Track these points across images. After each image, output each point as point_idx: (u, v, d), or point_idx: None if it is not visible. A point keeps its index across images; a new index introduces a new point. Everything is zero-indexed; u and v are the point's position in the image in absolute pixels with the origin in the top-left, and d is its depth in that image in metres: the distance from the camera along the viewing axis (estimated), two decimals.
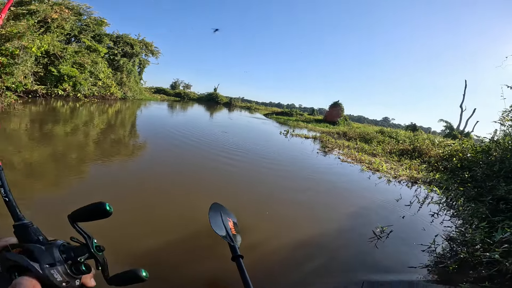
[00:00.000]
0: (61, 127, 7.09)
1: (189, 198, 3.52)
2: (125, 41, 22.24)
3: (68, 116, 9.45)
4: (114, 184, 3.65)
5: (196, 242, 2.50)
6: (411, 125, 23.57)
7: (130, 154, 5.41)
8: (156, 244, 2.33)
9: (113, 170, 4.25)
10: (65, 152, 4.79)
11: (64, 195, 3.10)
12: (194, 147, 6.76)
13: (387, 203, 4.56)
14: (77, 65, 15.72)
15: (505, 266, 2.17)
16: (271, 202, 3.88)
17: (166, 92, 45.72)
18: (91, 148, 5.38)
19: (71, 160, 4.42)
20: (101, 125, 8.23)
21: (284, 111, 34.29)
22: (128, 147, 6.07)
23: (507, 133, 7.81)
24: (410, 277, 2.35)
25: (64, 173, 3.77)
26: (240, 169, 5.43)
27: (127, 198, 3.21)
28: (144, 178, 4.02)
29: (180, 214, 2.99)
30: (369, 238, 3.08)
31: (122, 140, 6.62)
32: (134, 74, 23.65)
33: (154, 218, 2.79)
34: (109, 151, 5.37)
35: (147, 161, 5.12)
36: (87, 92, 16.39)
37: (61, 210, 2.71)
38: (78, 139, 6.01)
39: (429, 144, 11.44)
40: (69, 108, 11.71)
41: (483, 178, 5.99)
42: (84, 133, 6.78)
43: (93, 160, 4.57)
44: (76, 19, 17.62)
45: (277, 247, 2.65)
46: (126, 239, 2.32)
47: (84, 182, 3.60)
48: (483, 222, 3.10)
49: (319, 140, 12.30)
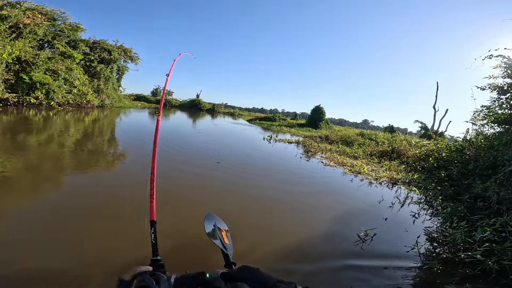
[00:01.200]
0: (34, 137, 6.72)
1: (177, 209, 3.36)
2: (102, 47, 21.56)
3: (42, 126, 8.95)
4: (90, 196, 3.42)
5: (189, 252, 2.43)
6: (389, 127, 24.43)
7: (107, 166, 5.14)
8: (142, 257, 2.20)
9: (88, 182, 4.00)
10: (39, 163, 4.55)
11: (38, 208, 2.87)
12: (175, 155, 6.56)
13: (370, 206, 4.60)
14: (50, 72, 15.00)
15: (488, 266, 2.20)
16: (255, 209, 3.79)
17: (146, 99, 44.74)
18: (66, 159, 5.06)
19: (46, 171, 4.18)
20: (77, 135, 7.82)
21: (267, 116, 34.52)
22: (105, 157, 5.78)
23: (479, 132, 8.22)
24: (397, 280, 2.33)
25: (38, 185, 3.55)
26: (223, 181, 5.28)
27: (109, 211, 3.00)
28: (120, 189, 3.81)
29: (171, 226, 2.82)
30: (354, 241, 3.06)
31: (98, 151, 6.30)
32: (112, 81, 22.91)
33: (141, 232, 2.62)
34: (84, 162, 5.07)
35: (126, 171, 4.88)
36: (61, 100, 15.65)
37: (35, 224, 2.52)
38: (53, 150, 5.68)
39: (407, 145, 11.83)
40: (42, 117, 11.11)
41: (458, 177, 6.22)
42: (59, 143, 6.43)
43: (68, 171, 4.29)
44: (50, 25, 16.91)
45: (265, 254, 2.59)
46: (109, 254, 2.18)
47: (59, 193, 3.42)
48: (463, 221, 3.17)
49: (302, 145, 12.39)
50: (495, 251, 2.31)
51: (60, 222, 2.65)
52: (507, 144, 5.75)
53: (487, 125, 7.99)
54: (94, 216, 2.88)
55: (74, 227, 2.59)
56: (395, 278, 2.37)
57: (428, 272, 2.43)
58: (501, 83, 7.13)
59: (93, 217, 2.87)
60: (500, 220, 2.70)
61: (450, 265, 2.53)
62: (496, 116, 7.33)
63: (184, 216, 3.20)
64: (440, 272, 2.41)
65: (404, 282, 2.32)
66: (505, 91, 7.08)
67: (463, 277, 2.23)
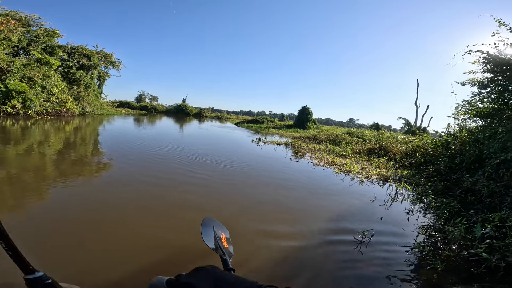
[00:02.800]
0: (12, 148, 6.39)
1: (170, 216, 3.15)
2: (81, 53, 20.86)
3: (19, 136, 8.53)
4: (73, 209, 3.16)
5: (184, 259, 2.32)
6: (375, 124, 24.93)
7: (90, 175, 4.84)
8: (138, 268, 2.03)
9: (71, 193, 3.72)
10: (19, 175, 4.32)
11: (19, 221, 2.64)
12: (163, 162, 6.33)
13: (364, 205, 4.55)
14: (26, 79, 14.32)
15: (493, 263, 2.13)
16: (247, 214, 3.64)
17: (131, 105, 43.76)
18: (45, 170, 4.73)
19: (25, 183, 3.91)
20: (58, 145, 7.41)
21: (255, 119, 34.49)
22: (88, 166, 5.46)
23: (462, 126, 8.44)
24: (400, 283, 2.24)
25: (19, 197, 3.29)
26: (212, 188, 5.11)
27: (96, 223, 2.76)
28: (109, 200, 3.56)
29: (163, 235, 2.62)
30: (351, 244, 2.97)
31: (80, 160, 5.96)
32: (93, 88, 22.14)
33: (132, 242, 2.40)
34: (66, 172, 4.76)
35: (116, 181, 4.61)
36: (39, 109, 14.94)
37: (16, 237, 2.27)
38: (33, 161, 5.33)
39: (393, 141, 12.02)
40: (19, 127, 10.56)
41: (446, 171, 6.31)
42: (40, 153, 6.09)
43: (50, 183, 4.00)
44: (25, 30, 16.20)
45: (263, 261, 2.48)
46: (100, 266, 2.02)
47: (41, 206, 3.20)
48: (458, 217, 3.13)
49: (291, 146, 12.35)
50: (496, 248, 2.26)
51: (42, 237, 2.43)
52: (491, 137, 5.88)
53: (469, 119, 8.21)
54: (79, 228, 2.65)
55: (56, 241, 2.37)
56: (397, 282, 2.28)
57: (431, 272, 2.35)
58: (481, 78, 7.33)
59: (79, 229, 2.64)
60: (498, 215, 2.68)
61: (453, 264, 2.47)
62: (478, 110, 7.53)
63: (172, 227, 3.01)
64: (444, 272, 2.34)
65: (409, 285, 2.24)
66: (486, 86, 7.28)
67: (468, 276, 2.17)
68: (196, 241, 2.00)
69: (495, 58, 6.58)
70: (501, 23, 6.40)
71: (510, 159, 4.48)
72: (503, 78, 6.72)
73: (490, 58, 6.67)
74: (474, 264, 2.36)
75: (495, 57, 6.58)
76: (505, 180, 3.97)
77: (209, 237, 1.79)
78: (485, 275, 2.20)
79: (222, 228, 2.03)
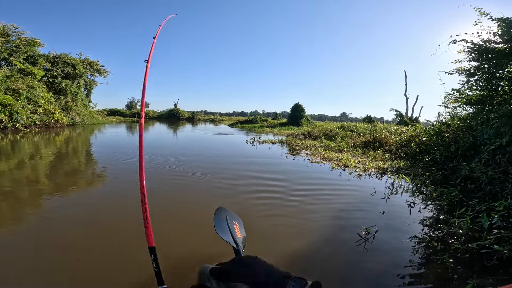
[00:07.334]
0: (4, 163, 6.25)
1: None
2: (65, 61, 20.36)
3: (9, 150, 8.44)
4: (71, 222, 3.02)
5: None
6: (367, 117, 25.16)
7: (86, 186, 4.68)
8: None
9: (67, 204, 3.56)
10: (13, 189, 4.27)
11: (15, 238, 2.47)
12: (157, 166, 6.18)
13: (364, 200, 4.50)
14: (10, 91, 13.90)
15: (505, 254, 2.09)
16: (250, 217, 3.55)
17: (122, 113, 43.20)
18: (38, 183, 4.57)
19: (20, 197, 3.81)
20: (49, 157, 7.19)
21: (248, 119, 34.45)
22: (82, 177, 5.28)
23: (452, 114, 8.52)
24: (409, 279, 2.18)
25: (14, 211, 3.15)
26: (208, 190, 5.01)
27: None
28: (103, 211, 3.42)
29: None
30: (356, 242, 2.91)
31: (73, 173, 5.77)
32: (81, 97, 21.68)
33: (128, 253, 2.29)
34: (60, 184, 4.58)
35: (107, 191, 4.46)
36: (27, 122, 14.53)
37: (11, 253, 2.21)
38: (25, 174, 5.23)
39: (387, 133, 12.09)
40: (8, 141, 10.34)
41: (442, 160, 6.35)
42: (31, 166, 5.99)
43: (44, 196, 3.84)
44: (4, 41, 15.73)
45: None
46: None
47: (37, 219, 3.13)
48: (461, 208, 3.09)
49: (286, 144, 12.30)
50: (505, 238, 2.22)
51: (41, 253, 2.32)
52: (484, 123, 5.92)
53: (459, 107, 8.30)
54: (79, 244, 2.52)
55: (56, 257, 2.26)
56: (407, 278, 2.22)
57: (442, 267, 2.29)
58: (467, 66, 7.40)
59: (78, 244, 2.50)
60: (503, 204, 2.65)
61: (464, 258, 2.42)
62: (468, 98, 7.60)
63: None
64: (455, 266, 2.30)
65: (421, 281, 2.18)
66: (473, 74, 7.34)
67: (481, 269, 2.12)
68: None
69: (479, 47, 6.63)
70: (482, 12, 6.45)
71: (505, 145, 4.50)
72: (489, 66, 6.78)
73: (475, 47, 6.72)
74: (485, 256, 2.31)
75: (479, 45, 6.63)
76: (503, 166, 3.98)
77: (222, 227, 1.79)
78: (499, 267, 2.16)
79: (236, 217, 2.04)
